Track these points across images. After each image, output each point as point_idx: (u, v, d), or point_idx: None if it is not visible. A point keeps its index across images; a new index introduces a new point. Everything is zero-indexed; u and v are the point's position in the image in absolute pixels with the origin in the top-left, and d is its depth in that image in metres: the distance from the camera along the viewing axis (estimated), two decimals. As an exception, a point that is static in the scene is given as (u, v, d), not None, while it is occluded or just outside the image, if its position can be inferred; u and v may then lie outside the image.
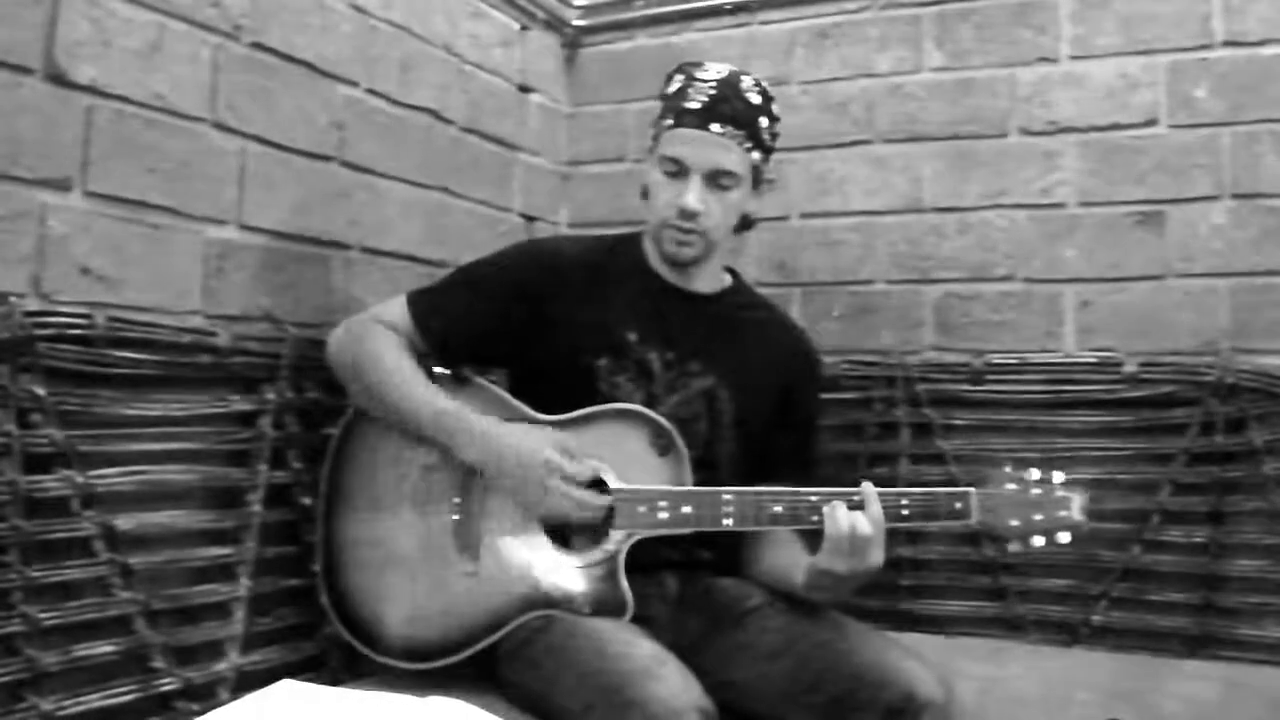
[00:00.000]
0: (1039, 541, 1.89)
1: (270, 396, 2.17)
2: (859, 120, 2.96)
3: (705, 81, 2.00)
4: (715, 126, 1.98)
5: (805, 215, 3.00)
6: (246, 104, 2.20)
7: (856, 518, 1.82)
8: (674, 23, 3.17)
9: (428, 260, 2.67)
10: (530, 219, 3.11)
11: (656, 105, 2.10)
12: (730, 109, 1.98)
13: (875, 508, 1.83)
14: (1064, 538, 1.88)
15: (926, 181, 2.88)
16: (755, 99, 2.01)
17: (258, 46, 2.23)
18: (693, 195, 1.98)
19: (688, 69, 2.05)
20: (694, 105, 1.98)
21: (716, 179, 1.99)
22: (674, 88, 2.04)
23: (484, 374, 2.13)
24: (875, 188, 2.94)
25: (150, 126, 2.01)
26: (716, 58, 2.24)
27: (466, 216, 2.85)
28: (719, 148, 1.98)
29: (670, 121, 2.01)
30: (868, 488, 1.85)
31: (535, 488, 1.91)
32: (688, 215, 2.00)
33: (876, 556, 1.82)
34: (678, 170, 2.00)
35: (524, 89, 3.10)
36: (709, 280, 2.15)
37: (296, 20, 2.31)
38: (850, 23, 2.98)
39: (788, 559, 2.02)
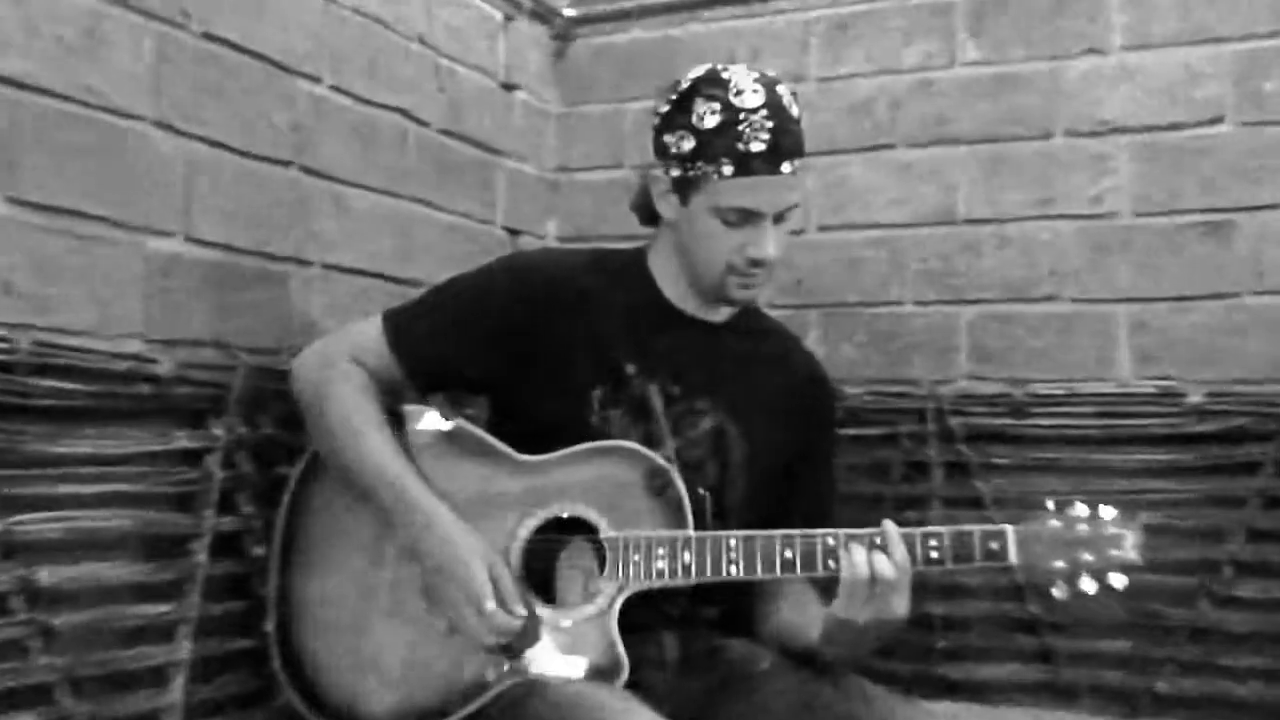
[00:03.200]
0: (1089, 585, 1.84)
1: (218, 432, 2.16)
2: (883, 122, 2.96)
3: (754, 112, 1.95)
4: (785, 166, 1.95)
5: (823, 229, 3.00)
6: (194, 102, 2.19)
7: (878, 559, 1.80)
8: (676, 12, 3.18)
9: (398, 279, 2.66)
10: (514, 233, 3.11)
11: (677, 134, 2.01)
12: (792, 140, 1.96)
13: (899, 549, 1.81)
14: (1118, 581, 1.83)
15: (960, 190, 2.88)
16: (797, 111, 2.00)
17: (208, 37, 2.21)
18: (772, 244, 1.98)
19: (715, 93, 1.98)
20: (757, 147, 1.94)
21: (783, 215, 1.99)
22: (711, 122, 1.97)
23: (462, 403, 2.11)
24: (901, 197, 2.93)
25: (84, 126, 1.99)
26: (724, 53, 2.22)
27: (443, 230, 2.84)
28: (789, 186, 1.98)
29: (729, 169, 1.96)
30: (889, 526, 1.84)
31: (450, 607, 1.90)
32: (764, 264, 1.99)
33: (900, 606, 1.80)
34: (743, 218, 1.98)
35: (508, 86, 3.10)
36: (723, 307, 2.13)
37: (252, 8, 2.31)
38: (873, 12, 2.98)
39: (803, 616, 2.00)
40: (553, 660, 1.90)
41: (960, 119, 2.89)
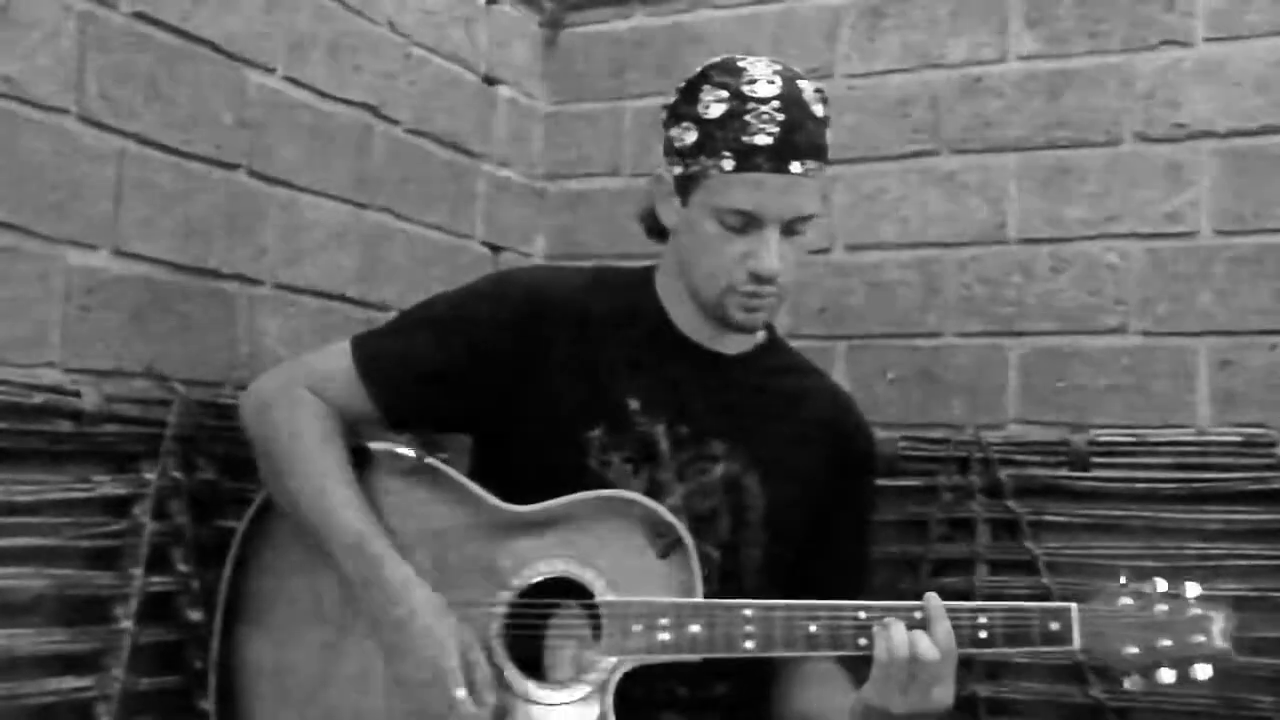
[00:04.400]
0: (1167, 676, 1.84)
1: (149, 477, 2.16)
2: (923, 125, 2.97)
3: (764, 101, 1.97)
4: (795, 165, 1.96)
5: (852, 248, 3.01)
6: (125, 93, 2.18)
7: (918, 639, 1.80)
8: (685, -4, 3.22)
9: (362, 301, 2.67)
10: (497, 249, 3.12)
11: (681, 126, 2.05)
12: (806, 136, 1.97)
13: (943, 626, 1.81)
14: (1202, 672, 1.83)
15: (1011, 204, 2.88)
16: (820, 110, 2.01)
17: (141, 18, 2.21)
18: (773, 256, 1.97)
19: (725, 81, 2.00)
20: (763, 140, 1.95)
21: (793, 225, 1.99)
22: (717, 111, 1.99)
23: (440, 442, 2.13)
24: (943, 212, 2.94)
25: (-5, 119, 2.00)
26: (740, 43, 2.22)
27: (413, 245, 2.85)
28: (800, 191, 1.97)
29: (730, 163, 1.97)
30: (933, 600, 1.84)
31: (415, 688, 1.91)
32: (766, 279, 1.98)
33: (944, 694, 1.81)
34: (745, 223, 1.98)
35: (490, 80, 3.12)
36: (739, 337, 2.14)
37: (194, -16, 2.32)
38: (914, -2, 3.01)
39: (830, 700, 2.00)
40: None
41: (1013, 122, 2.89)
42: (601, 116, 3.24)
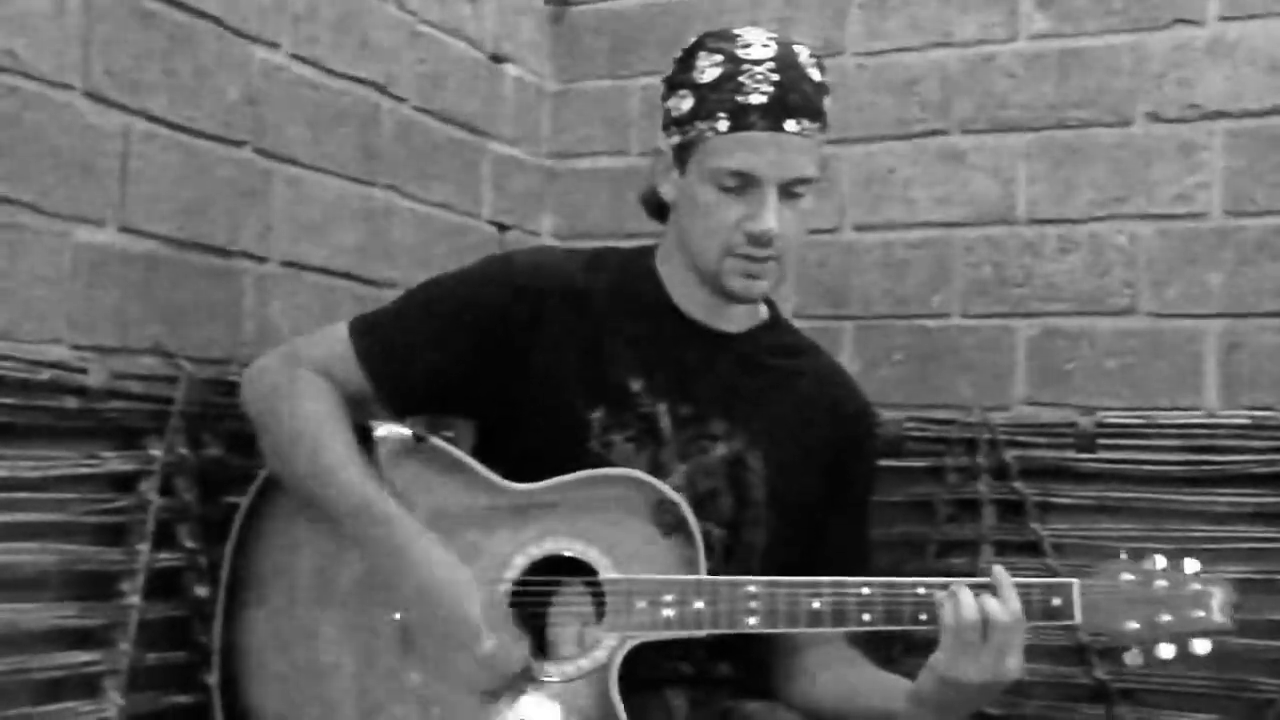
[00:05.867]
0: (1166, 651, 1.86)
1: (156, 453, 2.16)
2: (932, 104, 2.96)
3: (759, 63, 1.98)
4: (790, 124, 1.97)
5: (860, 227, 3.01)
6: (131, 69, 2.18)
7: (988, 601, 1.81)
8: (693, -27, 3.20)
9: (368, 279, 2.67)
10: (504, 228, 3.12)
11: (677, 95, 2.06)
12: (801, 97, 1.98)
13: (1012, 594, 1.82)
14: (1201, 647, 1.85)
15: (1020, 184, 2.88)
16: (817, 74, 2.02)
17: (148, -7, 2.22)
18: (771, 216, 1.97)
19: (721, 46, 2.02)
20: (757, 100, 1.97)
21: (791, 188, 1.99)
22: (711, 75, 2.01)
23: (441, 425, 2.12)
24: (951, 192, 2.94)
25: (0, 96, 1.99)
26: (748, 20, 2.22)
27: (419, 223, 2.85)
28: (797, 150, 1.98)
29: (724, 124, 1.98)
30: (999, 570, 1.85)
31: (439, 647, 1.92)
32: (765, 241, 1.98)
33: (1015, 663, 1.81)
34: (742, 185, 1.98)
35: (497, 58, 3.11)
36: (741, 314, 2.15)
37: (201, -40, 2.32)
38: (922, -25, 3.00)
39: (857, 677, 2.03)
40: (542, 722, 1.92)
41: (1023, 101, 2.88)
42: (609, 95, 3.24)
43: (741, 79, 1.97)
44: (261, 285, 2.44)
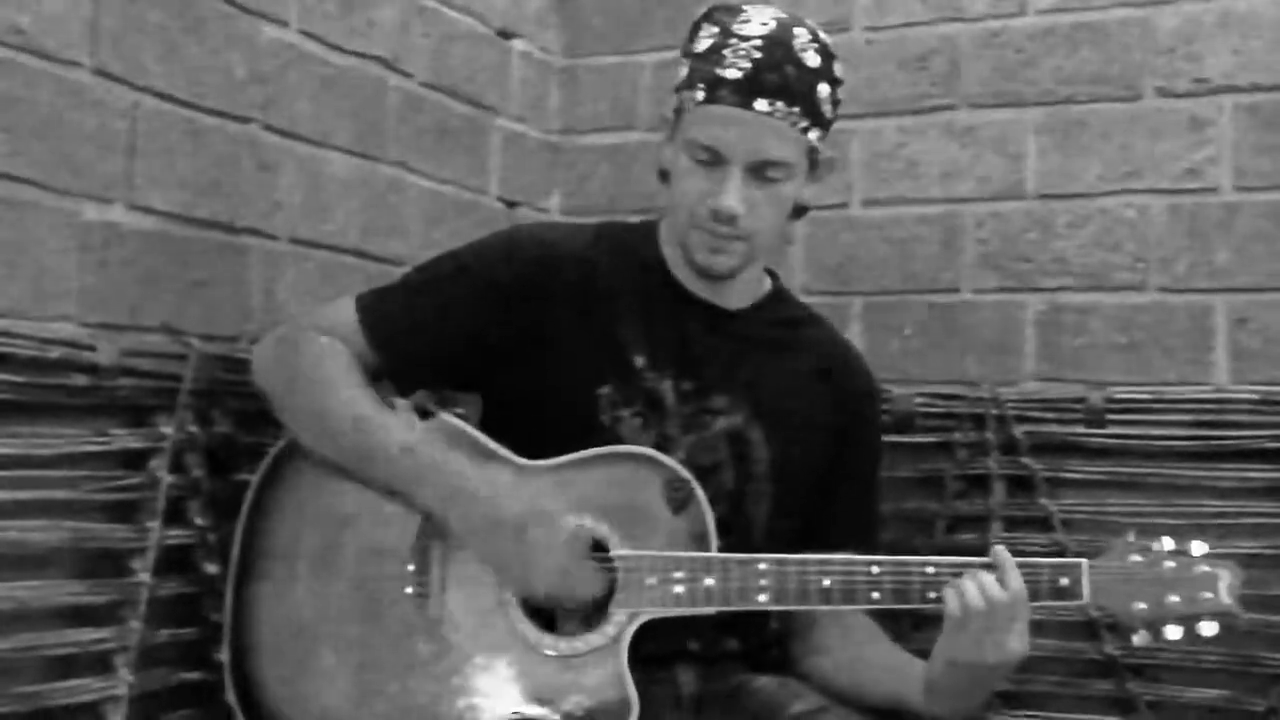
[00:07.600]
0: (1174, 633, 1.87)
1: (166, 431, 2.16)
2: (941, 78, 2.96)
3: (746, 40, 1.98)
4: (761, 103, 1.96)
5: (868, 203, 3.01)
6: (139, 46, 2.18)
7: (987, 582, 1.83)
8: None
9: (376, 256, 2.67)
10: (511, 204, 3.12)
11: (680, 62, 2.09)
12: (779, 78, 1.97)
13: (1014, 574, 1.84)
14: (1208, 629, 1.86)
15: (1029, 159, 2.88)
16: (812, 60, 2.00)
17: (155, -30, 2.22)
18: (731, 194, 1.97)
19: (721, 18, 2.03)
20: (732, 74, 1.97)
21: (762, 170, 1.99)
22: (704, 45, 2.02)
23: (449, 402, 2.12)
24: (961, 167, 2.93)
25: (8, 74, 1.99)
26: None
27: (427, 200, 2.85)
28: (766, 131, 1.97)
29: (700, 95, 1.99)
30: (1000, 551, 1.86)
31: (518, 559, 1.91)
32: (724, 218, 1.98)
33: (1020, 641, 1.83)
34: (711, 159, 1.98)
35: (504, 34, 3.11)
36: (743, 289, 2.15)
37: (207, -62, 2.32)
38: (931, -51, 2.99)
39: (871, 655, 2.06)
40: (552, 697, 1.92)
41: (1032, 76, 2.88)
42: (616, 70, 3.23)
43: (725, 52, 1.97)
44: (269, 262, 2.45)
